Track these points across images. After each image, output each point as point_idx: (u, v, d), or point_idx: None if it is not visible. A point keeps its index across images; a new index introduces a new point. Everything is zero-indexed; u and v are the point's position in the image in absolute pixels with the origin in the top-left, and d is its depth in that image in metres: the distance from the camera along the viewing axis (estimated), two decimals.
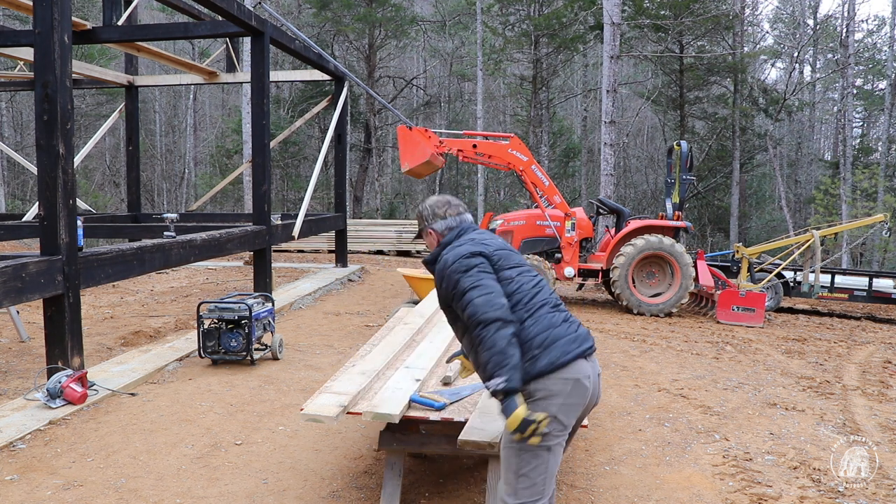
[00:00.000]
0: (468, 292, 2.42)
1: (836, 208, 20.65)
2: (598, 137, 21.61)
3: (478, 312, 2.36)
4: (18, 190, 26.11)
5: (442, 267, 2.55)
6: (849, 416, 5.09)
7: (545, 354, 2.41)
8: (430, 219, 2.77)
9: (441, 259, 2.58)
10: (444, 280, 2.53)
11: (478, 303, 2.37)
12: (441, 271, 2.55)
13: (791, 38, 29.12)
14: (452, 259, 2.52)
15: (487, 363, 2.31)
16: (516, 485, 2.41)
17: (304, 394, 5.04)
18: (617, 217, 10.17)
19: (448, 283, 2.51)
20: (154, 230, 9.79)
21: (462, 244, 2.59)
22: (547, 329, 2.45)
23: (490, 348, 2.31)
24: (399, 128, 9.42)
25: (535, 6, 23.01)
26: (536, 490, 2.41)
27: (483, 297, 2.38)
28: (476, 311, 2.36)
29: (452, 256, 2.53)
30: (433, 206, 2.78)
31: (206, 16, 10.84)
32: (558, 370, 2.40)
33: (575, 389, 2.43)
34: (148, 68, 27.39)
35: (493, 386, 2.30)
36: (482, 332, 2.33)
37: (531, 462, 2.39)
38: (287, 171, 26.36)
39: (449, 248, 2.61)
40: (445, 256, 2.56)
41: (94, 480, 3.58)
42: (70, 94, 4.78)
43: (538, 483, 2.41)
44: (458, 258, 2.52)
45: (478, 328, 2.34)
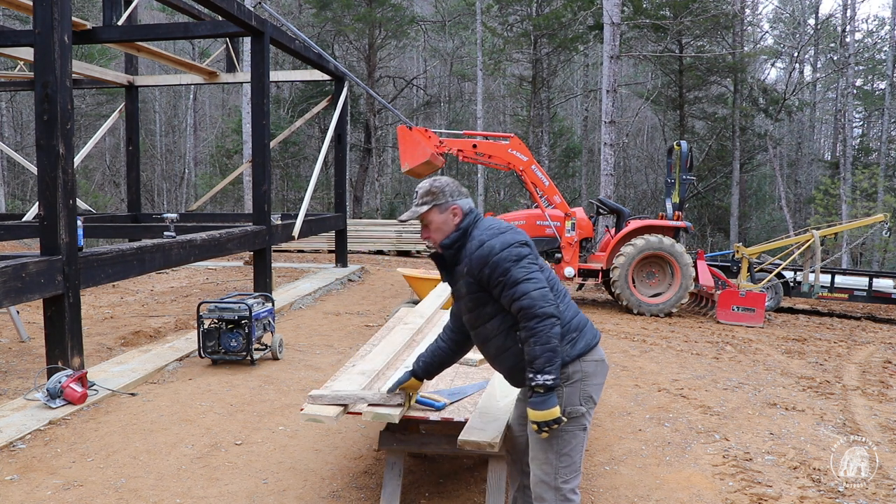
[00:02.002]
0: (521, 283, 2.38)
1: (836, 208, 20.66)
2: (598, 137, 21.61)
3: (535, 305, 2.35)
4: (18, 190, 26.11)
5: (486, 252, 2.43)
6: (849, 416, 5.09)
7: (581, 337, 2.53)
8: (454, 194, 2.61)
9: (485, 244, 2.44)
10: (487, 266, 2.42)
11: (535, 296, 2.36)
12: (484, 256, 2.43)
13: (791, 38, 29.12)
14: (501, 246, 2.43)
15: (538, 357, 2.34)
16: (558, 464, 2.50)
17: (304, 394, 5.04)
18: (617, 217, 10.17)
19: (494, 269, 2.41)
20: (154, 230, 9.79)
21: (505, 231, 2.49)
22: (577, 314, 2.57)
23: (544, 343, 2.34)
24: (399, 128, 9.42)
25: (534, 6, 23.02)
26: (575, 467, 2.53)
27: (539, 290, 2.37)
28: (533, 303, 2.35)
29: (500, 243, 2.43)
30: (452, 183, 2.64)
31: (206, 16, 10.84)
32: (591, 352, 2.54)
33: (602, 369, 2.59)
34: (148, 68, 27.39)
35: (542, 381, 2.34)
36: (538, 325, 2.34)
37: (571, 442, 2.50)
38: (287, 171, 26.36)
39: (486, 232, 2.49)
40: (491, 242, 2.44)
41: (94, 480, 3.58)
42: (70, 94, 4.78)
43: (577, 461, 2.52)
44: (507, 245, 2.43)
45: (533, 321, 2.35)
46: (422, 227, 2.64)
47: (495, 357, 2.58)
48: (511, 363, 2.55)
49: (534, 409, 2.37)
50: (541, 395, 2.36)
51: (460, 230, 2.56)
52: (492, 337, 2.54)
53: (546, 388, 2.34)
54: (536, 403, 2.37)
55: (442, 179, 2.64)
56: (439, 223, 2.58)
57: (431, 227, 2.60)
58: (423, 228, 2.63)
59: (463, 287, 2.55)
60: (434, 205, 2.58)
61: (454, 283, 2.64)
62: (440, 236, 2.59)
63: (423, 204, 2.58)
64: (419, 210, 2.59)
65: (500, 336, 2.53)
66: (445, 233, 2.57)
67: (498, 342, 2.55)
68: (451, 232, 2.57)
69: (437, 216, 2.58)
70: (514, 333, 2.49)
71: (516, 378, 2.60)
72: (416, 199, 2.61)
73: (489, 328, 2.53)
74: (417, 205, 2.60)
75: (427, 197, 2.59)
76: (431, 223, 2.59)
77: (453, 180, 2.65)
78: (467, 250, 2.51)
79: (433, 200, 2.58)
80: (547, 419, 2.36)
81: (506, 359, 2.56)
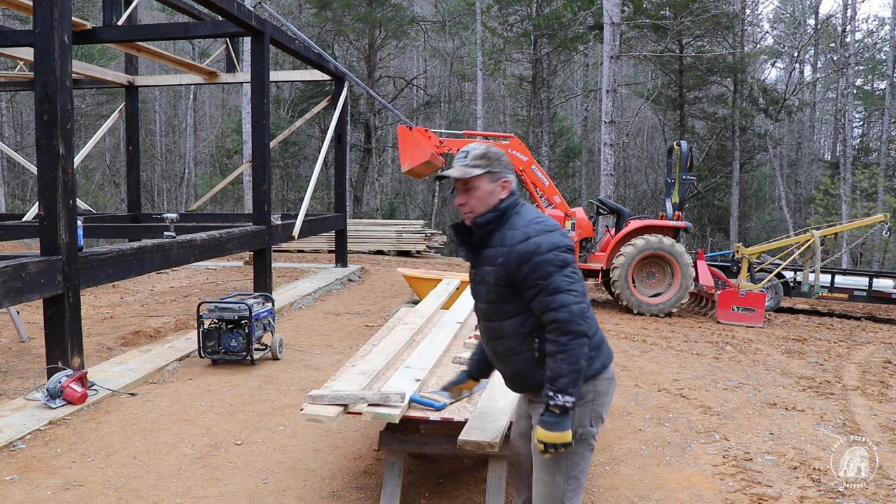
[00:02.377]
0: (562, 294, 2.21)
1: (835, 208, 20.66)
2: (598, 137, 21.61)
3: (572, 321, 2.19)
4: (18, 190, 26.11)
5: (531, 249, 2.22)
6: (849, 416, 5.09)
7: (599, 356, 2.39)
8: (508, 167, 2.37)
9: (530, 240, 2.23)
10: (528, 264, 2.22)
11: (574, 311, 2.19)
12: (528, 253, 2.22)
13: (791, 38, 29.13)
14: (548, 246, 2.23)
15: (563, 376, 2.18)
16: (566, 487, 2.37)
17: (304, 394, 5.04)
18: (617, 217, 10.18)
19: (535, 270, 2.21)
20: (154, 230, 9.79)
21: (553, 230, 2.28)
22: (597, 329, 2.43)
23: (573, 363, 2.19)
24: (399, 128, 9.42)
25: (534, 6, 23.02)
26: (581, 488, 2.44)
27: (578, 306, 2.21)
28: (571, 318, 2.19)
29: (548, 243, 2.23)
30: (505, 154, 2.39)
31: (206, 16, 10.84)
32: (605, 370, 2.41)
33: (612, 386, 2.47)
34: (148, 68, 27.39)
35: (562, 402, 2.19)
36: (570, 342, 2.19)
37: (580, 464, 2.38)
38: (287, 171, 26.37)
39: (534, 226, 2.28)
40: (537, 239, 2.23)
41: (94, 480, 3.58)
42: (70, 94, 4.78)
43: (582, 482, 2.44)
44: (555, 247, 2.23)
45: (566, 336, 2.19)
46: (459, 192, 2.36)
47: (503, 357, 2.43)
48: (518, 368, 2.40)
49: (546, 430, 2.22)
50: (555, 416, 2.21)
51: (499, 211, 2.32)
52: (506, 336, 2.37)
53: (562, 410, 2.20)
54: (550, 424, 2.21)
55: (495, 147, 2.38)
56: (485, 193, 2.32)
57: (474, 195, 2.33)
58: (462, 193, 2.35)
59: (490, 275, 2.32)
60: (488, 171, 2.32)
61: (477, 265, 2.40)
62: (483, 207, 2.33)
63: (475, 166, 2.30)
64: (471, 172, 2.30)
65: (516, 338, 2.35)
66: (489, 205, 2.33)
67: (511, 343, 2.37)
68: (490, 209, 2.33)
69: (486, 184, 2.32)
70: (531, 339, 2.32)
71: (517, 383, 2.47)
72: (467, 159, 2.33)
73: (506, 326, 2.36)
74: (468, 165, 2.31)
75: (481, 160, 2.31)
76: (476, 190, 2.32)
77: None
78: (506, 238, 2.28)
79: (488, 166, 2.32)
80: (557, 442, 2.22)
81: (514, 362, 2.40)
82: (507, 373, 2.47)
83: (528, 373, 2.36)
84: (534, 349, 2.32)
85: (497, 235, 2.32)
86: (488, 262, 2.32)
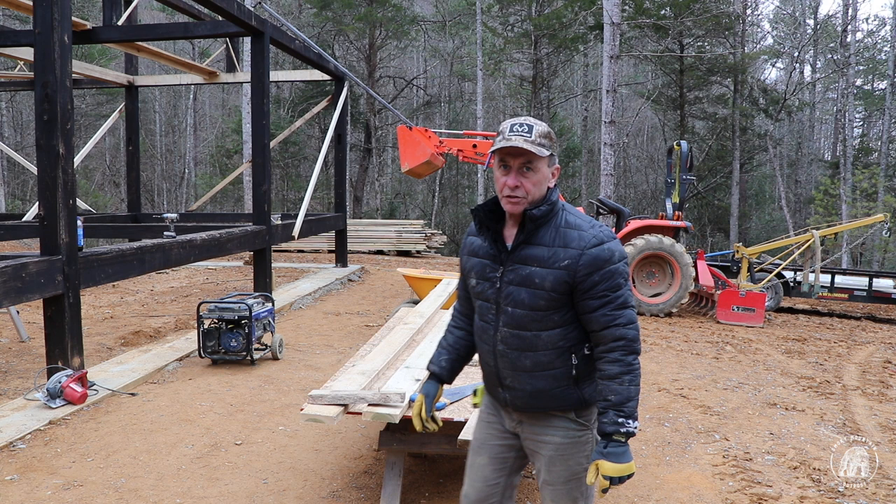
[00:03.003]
0: (629, 309, 2.01)
1: (835, 208, 20.66)
2: (598, 137, 21.61)
3: (637, 340, 2.01)
4: (18, 190, 26.11)
5: (606, 256, 1.98)
6: (849, 416, 5.09)
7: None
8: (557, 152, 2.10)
9: (605, 245, 1.99)
10: (600, 272, 1.97)
11: (638, 328, 2.02)
12: (602, 260, 1.97)
13: (791, 38, 29.13)
14: (620, 255, 2.02)
15: (632, 399, 1.97)
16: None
17: (304, 394, 5.04)
18: (617, 217, 10.17)
19: (606, 280, 1.98)
20: (154, 230, 9.78)
21: (615, 238, 2.05)
22: None
23: (638, 385, 1.99)
24: (399, 128, 9.42)
25: (535, 6, 23.02)
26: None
27: (636, 323, 2.03)
28: (637, 337, 2.01)
29: (620, 252, 2.02)
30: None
31: (206, 16, 10.84)
32: None
33: None
34: (148, 68, 27.40)
35: (634, 427, 1.97)
36: (636, 362, 2.00)
37: (587, 493, 2.16)
38: (287, 171, 26.37)
39: (599, 230, 2.03)
40: (611, 246, 2.00)
41: (94, 480, 3.58)
42: (70, 94, 4.78)
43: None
44: (624, 258, 2.03)
45: (632, 356, 1.99)
46: (513, 171, 2.01)
47: (527, 372, 2.07)
48: (546, 385, 2.07)
49: (614, 463, 1.94)
50: (622, 446, 1.95)
51: (551, 204, 2.05)
52: (539, 349, 2.05)
53: (628, 437, 1.97)
54: (619, 455, 1.94)
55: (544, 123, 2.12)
56: (543, 178, 2.04)
57: (533, 179, 2.01)
58: (518, 174, 2.01)
59: (542, 278, 2.00)
60: (552, 154, 2.04)
61: (512, 262, 2.06)
62: (538, 195, 2.03)
63: (542, 146, 1.99)
64: (539, 151, 1.98)
65: (552, 352, 2.04)
66: (541, 194, 2.04)
67: (544, 357, 2.05)
68: (542, 200, 2.05)
69: (545, 168, 2.04)
70: (568, 354, 2.05)
71: (537, 402, 2.10)
72: (532, 135, 1.99)
73: (543, 338, 2.04)
74: (536, 143, 1.98)
75: (547, 140, 2.01)
76: (537, 173, 2.02)
77: None
78: (570, 239, 2.00)
79: (552, 147, 2.03)
80: (625, 474, 1.95)
81: (542, 378, 2.06)
82: (525, 389, 2.10)
83: (555, 391, 2.07)
84: (571, 366, 2.06)
85: (547, 232, 2.03)
86: (538, 261, 2.01)
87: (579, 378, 2.06)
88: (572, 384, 2.06)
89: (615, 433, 1.95)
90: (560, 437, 2.10)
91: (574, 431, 2.11)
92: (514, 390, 2.12)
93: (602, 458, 1.96)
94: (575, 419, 2.10)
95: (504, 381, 2.13)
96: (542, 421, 2.13)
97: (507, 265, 2.07)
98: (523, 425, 2.17)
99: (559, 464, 2.11)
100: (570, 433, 2.11)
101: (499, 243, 2.09)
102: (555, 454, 2.11)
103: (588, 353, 2.07)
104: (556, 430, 2.10)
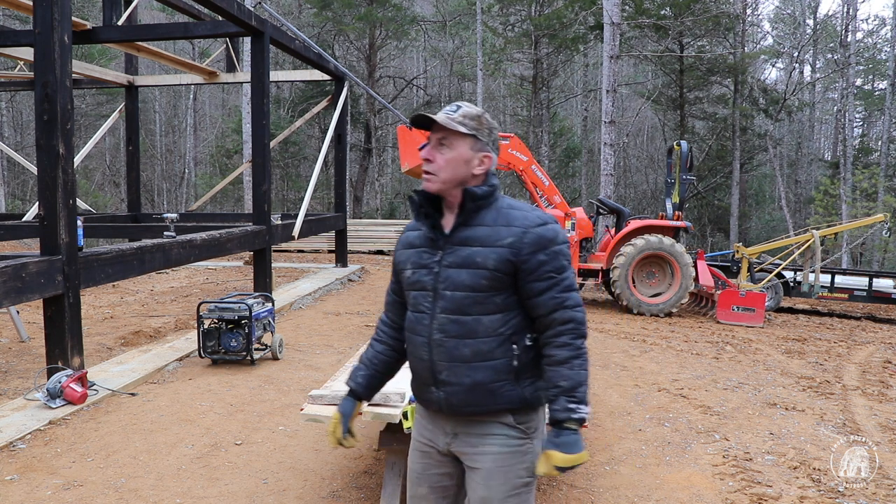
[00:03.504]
0: (574, 292, 1.92)
1: (835, 208, 20.66)
2: (599, 137, 21.61)
3: (585, 323, 1.92)
4: (18, 190, 26.12)
5: (550, 235, 1.90)
6: (849, 416, 5.09)
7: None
8: (496, 144, 2.02)
9: (549, 225, 1.91)
10: (544, 251, 1.88)
11: (584, 311, 1.93)
12: (547, 239, 1.89)
13: (791, 38, 29.13)
14: (563, 238, 1.94)
15: (583, 384, 1.86)
16: None
17: (304, 394, 5.04)
18: (617, 217, 10.18)
19: (551, 260, 1.88)
20: (154, 230, 9.79)
21: (557, 221, 1.96)
22: None
23: (586, 370, 1.88)
24: (399, 128, 9.42)
25: (535, 6, 23.03)
26: None
27: (583, 306, 1.94)
28: (584, 320, 1.92)
29: (563, 235, 1.94)
30: (497, 131, 2.03)
31: (206, 16, 10.85)
32: None
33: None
34: (148, 68, 27.40)
35: (585, 413, 1.86)
36: (583, 346, 1.90)
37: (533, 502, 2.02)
38: (287, 171, 26.37)
39: (542, 213, 1.96)
40: (554, 226, 1.93)
41: (94, 480, 3.58)
42: (70, 94, 4.78)
43: None
44: (566, 241, 1.95)
45: (580, 340, 1.89)
46: (431, 145, 1.97)
47: (465, 362, 1.91)
48: (485, 377, 1.90)
49: (566, 454, 1.82)
50: (574, 434, 1.84)
51: (492, 186, 1.96)
52: (479, 335, 1.90)
53: (580, 424, 1.85)
54: (570, 444, 1.83)
55: (485, 114, 2.02)
56: (460, 158, 1.93)
57: (447, 155, 1.93)
58: (433, 148, 1.96)
59: (484, 258, 1.89)
60: (474, 135, 1.94)
61: (451, 244, 1.95)
62: (449, 175, 1.94)
63: (461, 124, 1.92)
64: (455, 127, 1.91)
65: (492, 339, 1.90)
66: (457, 176, 1.94)
67: (484, 346, 1.90)
68: (477, 182, 1.96)
69: (465, 149, 1.93)
70: (510, 344, 1.91)
71: (475, 398, 1.92)
72: (456, 113, 1.95)
73: (484, 323, 1.89)
74: (456, 120, 1.93)
75: (472, 122, 1.94)
76: (452, 150, 1.94)
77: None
78: (514, 218, 1.91)
79: (476, 129, 1.94)
80: (577, 463, 1.85)
81: (480, 370, 1.90)
82: (463, 383, 1.91)
83: (494, 386, 1.90)
84: (512, 356, 1.90)
85: (488, 214, 1.94)
86: (479, 241, 1.91)
87: (520, 372, 1.92)
88: (512, 379, 1.91)
89: (567, 420, 1.84)
90: (498, 446, 1.93)
91: (514, 440, 1.93)
92: (449, 386, 1.93)
93: (553, 449, 1.83)
94: (514, 425, 1.93)
95: (439, 375, 1.94)
96: (478, 429, 1.95)
97: (445, 249, 1.95)
98: (458, 439, 1.98)
99: (498, 477, 1.92)
100: (509, 442, 1.93)
101: (437, 229, 1.98)
102: (493, 466, 1.92)
103: (530, 345, 1.93)
104: (495, 438, 1.93)
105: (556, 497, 3.53)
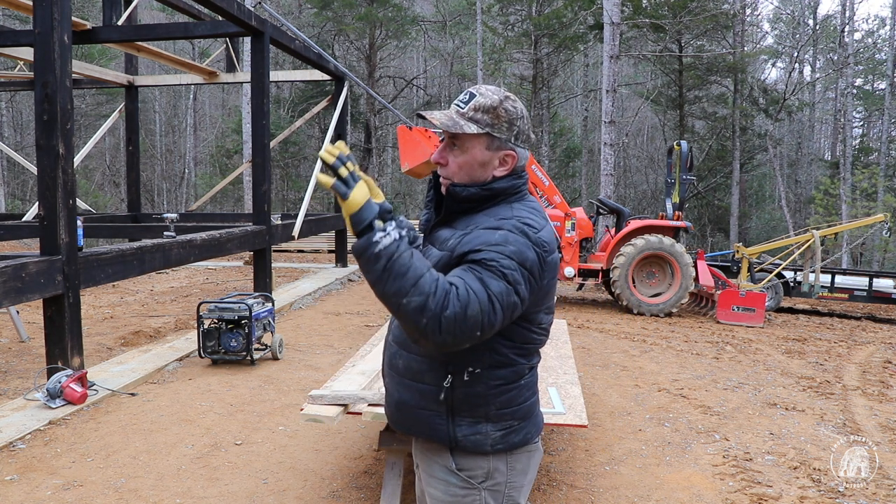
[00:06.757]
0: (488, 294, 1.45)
1: (835, 208, 20.65)
2: (599, 137, 21.61)
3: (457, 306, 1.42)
4: (18, 190, 26.11)
5: (493, 240, 1.52)
6: (849, 416, 5.09)
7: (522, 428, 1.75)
8: (521, 135, 1.66)
9: (537, 224, 1.59)
10: (510, 243, 1.51)
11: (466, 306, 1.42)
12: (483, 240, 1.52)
13: (791, 38, 29.13)
14: (548, 237, 1.61)
15: (413, 270, 1.41)
16: None
17: (304, 394, 5.04)
18: (617, 217, 10.18)
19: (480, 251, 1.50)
20: (154, 230, 9.78)
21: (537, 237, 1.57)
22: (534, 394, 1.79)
23: (416, 271, 1.41)
24: (399, 128, 9.42)
25: (535, 6, 23.03)
26: None
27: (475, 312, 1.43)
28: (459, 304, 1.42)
29: (520, 246, 1.52)
30: (527, 116, 1.68)
31: (206, 16, 10.84)
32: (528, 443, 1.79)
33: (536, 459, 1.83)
34: (148, 68, 27.39)
35: (380, 245, 1.41)
36: (438, 296, 1.41)
37: None
38: (287, 171, 26.36)
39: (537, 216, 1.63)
40: (547, 227, 1.63)
41: (94, 480, 3.58)
42: (70, 94, 4.78)
43: None
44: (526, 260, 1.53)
45: (441, 293, 1.41)
46: (442, 146, 1.67)
47: (399, 375, 1.71)
48: (408, 398, 1.68)
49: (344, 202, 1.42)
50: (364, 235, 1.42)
51: (489, 189, 1.64)
52: (412, 350, 1.67)
53: (369, 247, 1.41)
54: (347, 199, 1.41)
55: (518, 103, 1.66)
56: (473, 161, 1.63)
57: (458, 159, 1.64)
58: (444, 149, 1.66)
59: (431, 259, 1.62)
60: (488, 133, 1.61)
61: (425, 243, 1.75)
62: (461, 178, 1.65)
63: (472, 120, 1.61)
64: (463, 126, 1.60)
65: (423, 361, 1.65)
66: (473, 180, 1.64)
67: (415, 364, 1.66)
68: (479, 182, 1.64)
69: (478, 149, 1.62)
70: (443, 372, 1.62)
71: (396, 415, 1.73)
72: (466, 106, 1.62)
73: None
74: (465, 116, 1.61)
75: (486, 116, 1.61)
76: (463, 153, 1.64)
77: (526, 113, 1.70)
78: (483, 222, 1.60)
79: (491, 126, 1.61)
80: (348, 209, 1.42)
81: (406, 389, 1.68)
82: (392, 396, 1.74)
83: (420, 413, 1.66)
84: (442, 387, 1.62)
85: (472, 219, 1.65)
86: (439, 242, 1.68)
87: (453, 409, 1.63)
88: (443, 412, 1.64)
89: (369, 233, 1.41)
90: (441, 492, 1.69)
91: (456, 489, 1.67)
92: (388, 394, 1.77)
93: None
94: (454, 471, 1.67)
95: (384, 377, 1.80)
96: (426, 462, 1.74)
97: (423, 246, 1.74)
98: (419, 467, 1.79)
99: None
100: (450, 490, 1.68)
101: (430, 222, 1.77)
102: None
103: (468, 380, 1.61)
104: (438, 482, 1.70)
105: (556, 497, 3.53)
